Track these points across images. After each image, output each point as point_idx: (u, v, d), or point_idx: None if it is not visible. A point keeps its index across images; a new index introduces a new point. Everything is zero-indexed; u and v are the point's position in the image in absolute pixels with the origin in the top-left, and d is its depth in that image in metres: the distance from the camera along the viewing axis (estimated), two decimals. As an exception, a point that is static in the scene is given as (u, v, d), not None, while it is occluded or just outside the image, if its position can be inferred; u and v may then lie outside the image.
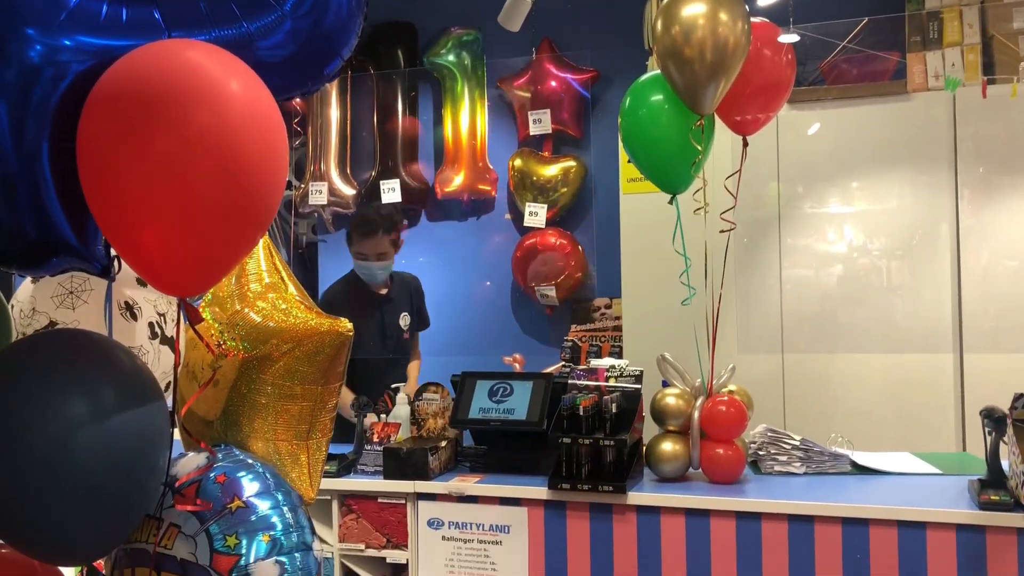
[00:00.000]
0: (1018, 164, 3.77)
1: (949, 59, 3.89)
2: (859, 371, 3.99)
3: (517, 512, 2.72)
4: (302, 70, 1.49)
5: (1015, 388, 2.46)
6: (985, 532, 2.31)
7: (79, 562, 1.39)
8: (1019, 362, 3.69)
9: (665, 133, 2.70)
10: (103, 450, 1.25)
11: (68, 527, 1.25)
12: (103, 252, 1.44)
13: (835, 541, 2.43)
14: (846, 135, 4.09)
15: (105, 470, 1.25)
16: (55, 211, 1.34)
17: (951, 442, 3.80)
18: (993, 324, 3.78)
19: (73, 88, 1.26)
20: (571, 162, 4.62)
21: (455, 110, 4.87)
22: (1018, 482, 2.30)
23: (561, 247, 4.55)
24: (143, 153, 1.10)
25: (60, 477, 1.22)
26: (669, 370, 2.81)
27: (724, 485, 2.68)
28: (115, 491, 1.27)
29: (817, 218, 4.16)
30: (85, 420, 1.24)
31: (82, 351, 1.33)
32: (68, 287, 1.64)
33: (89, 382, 1.28)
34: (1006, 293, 3.78)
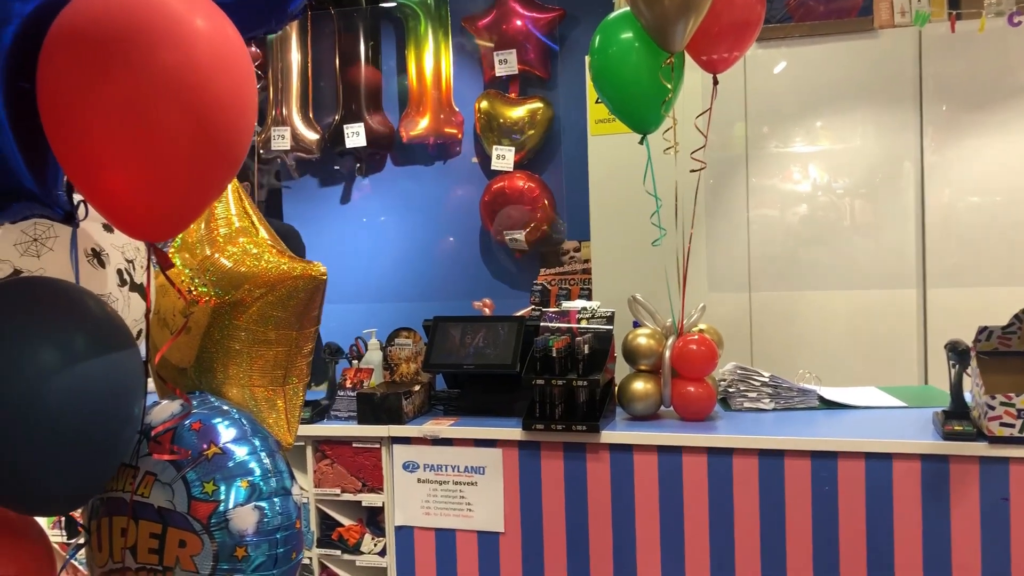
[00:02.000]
0: (982, 101, 3.80)
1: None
2: (825, 308, 4.05)
3: (492, 453, 2.74)
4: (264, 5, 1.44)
5: (977, 322, 2.51)
6: (948, 461, 2.37)
7: (56, 512, 1.38)
8: (981, 296, 3.77)
9: (635, 72, 2.67)
10: (76, 398, 1.23)
11: (44, 477, 1.24)
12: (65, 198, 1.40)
13: (804, 474, 2.48)
14: (812, 73, 4.09)
15: (79, 418, 1.23)
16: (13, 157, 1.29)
17: (914, 376, 3.88)
18: (956, 260, 3.85)
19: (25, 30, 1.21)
20: (538, 104, 4.57)
21: (419, 52, 4.78)
22: (980, 412, 2.36)
23: (529, 190, 4.52)
24: (107, 94, 1.06)
25: (34, 426, 1.20)
26: (640, 310, 2.82)
27: (695, 422, 2.72)
28: (90, 439, 1.26)
29: (783, 157, 4.17)
30: (57, 368, 1.22)
31: (51, 299, 1.30)
32: (32, 234, 1.59)
33: (60, 330, 1.25)
34: (969, 229, 3.84)
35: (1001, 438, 2.30)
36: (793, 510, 2.49)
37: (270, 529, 1.45)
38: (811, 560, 2.48)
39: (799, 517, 2.49)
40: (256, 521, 1.43)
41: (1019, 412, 2.28)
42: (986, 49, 3.77)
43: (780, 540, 2.51)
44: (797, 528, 2.49)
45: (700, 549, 2.57)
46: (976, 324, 2.50)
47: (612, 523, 2.65)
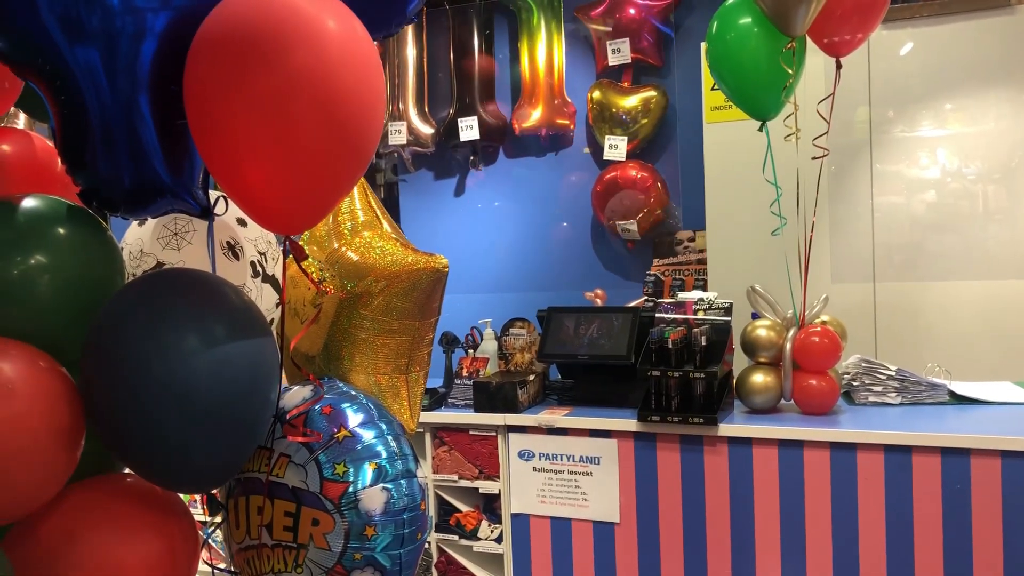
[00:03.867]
0: None
1: (1057, -33, 3.65)
2: (954, 299, 3.86)
3: (607, 444, 2.74)
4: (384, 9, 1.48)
5: None
6: (1094, 461, 2.24)
7: (200, 489, 1.46)
8: None
9: (754, 57, 2.61)
10: (220, 381, 1.30)
11: (191, 454, 1.31)
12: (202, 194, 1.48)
13: (934, 472, 2.39)
14: (941, 54, 3.90)
15: (223, 399, 1.30)
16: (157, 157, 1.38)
17: (1054, 371, 3.66)
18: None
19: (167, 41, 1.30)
20: (652, 92, 4.52)
21: (531, 44, 4.80)
22: None
23: (642, 180, 4.48)
24: (248, 93, 1.12)
25: (181, 407, 1.27)
26: (759, 301, 2.77)
27: (817, 416, 2.65)
28: (232, 420, 1.33)
29: (909, 142, 4.00)
30: (201, 352, 1.29)
31: (194, 288, 1.37)
32: (173, 229, 1.69)
33: (202, 317, 1.33)
34: (1116, 215, 3.59)
35: None
36: (922, 509, 2.40)
37: (397, 510, 1.50)
38: (942, 563, 2.38)
39: (928, 517, 2.40)
40: (384, 502, 1.48)
41: None
42: None
43: (908, 540, 2.42)
44: (926, 528, 2.40)
45: (822, 547, 2.50)
46: None
47: (730, 518, 2.61)
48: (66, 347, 1.36)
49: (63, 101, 1.33)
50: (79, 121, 1.32)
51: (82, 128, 1.32)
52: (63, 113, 1.33)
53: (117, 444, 1.35)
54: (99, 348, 1.31)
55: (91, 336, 1.33)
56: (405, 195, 5.26)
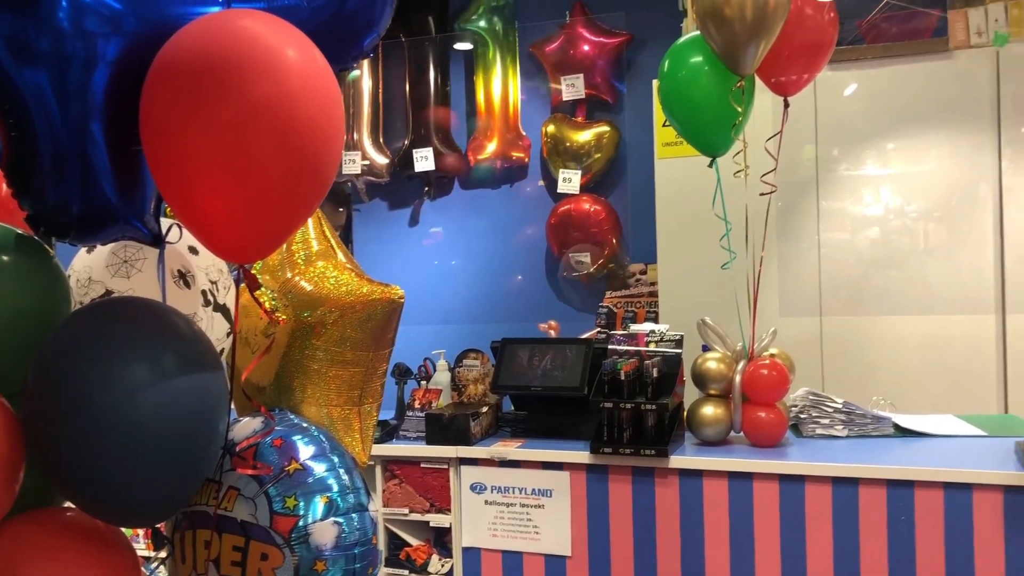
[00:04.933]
0: (1065, 121, 3.69)
1: (992, 14, 3.80)
2: (898, 333, 3.96)
3: (559, 476, 2.74)
4: (340, 43, 1.49)
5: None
6: (1033, 493, 2.29)
7: (145, 523, 1.42)
8: (1063, 323, 3.64)
9: (705, 95, 2.67)
10: (166, 414, 1.27)
11: (135, 489, 1.28)
12: (154, 222, 1.47)
13: (880, 503, 2.43)
14: (884, 95, 4.02)
15: (169, 433, 1.27)
16: (107, 182, 1.36)
17: (992, 404, 3.76)
18: (1037, 284, 3.73)
19: (122, 66, 1.29)
20: (605, 127, 4.59)
21: (487, 77, 4.85)
22: (1067, 443, 2.29)
23: (595, 213, 4.54)
24: (206, 121, 1.11)
25: (126, 439, 1.24)
26: (709, 334, 2.80)
27: (766, 448, 2.68)
28: (179, 453, 1.30)
29: (854, 180, 4.10)
30: (148, 384, 1.27)
31: (142, 318, 1.35)
32: (122, 256, 1.66)
33: (150, 347, 1.31)
34: (1051, 253, 3.72)
35: (1089, 470, 2.22)
36: (868, 539, 2.44)
37: (348, 544, 1.48)
38: (887, 592, 2.42)
39: (874, 547, 2.43)
40: (335, 536, 1.46)
41: (1108, 443, 2.20)
42: (1069, 68, 3.67)
43: (854, 572, 2.45)
44: (872, 558, 2.43)
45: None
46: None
47: (681, 549, 2.62)
48: (8, 377, 1.33)
49: (11, 124, 1.30)
50: (28, 145, 1.30)
51: (31, 153, 1.30)
52: (11, 137, 1.31)
53: (58, 478, 1.31)
54: (42, 379, 1.28)
55: (34, 366, 1.30)
56: (359, 225, 5.24)
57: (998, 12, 3.81)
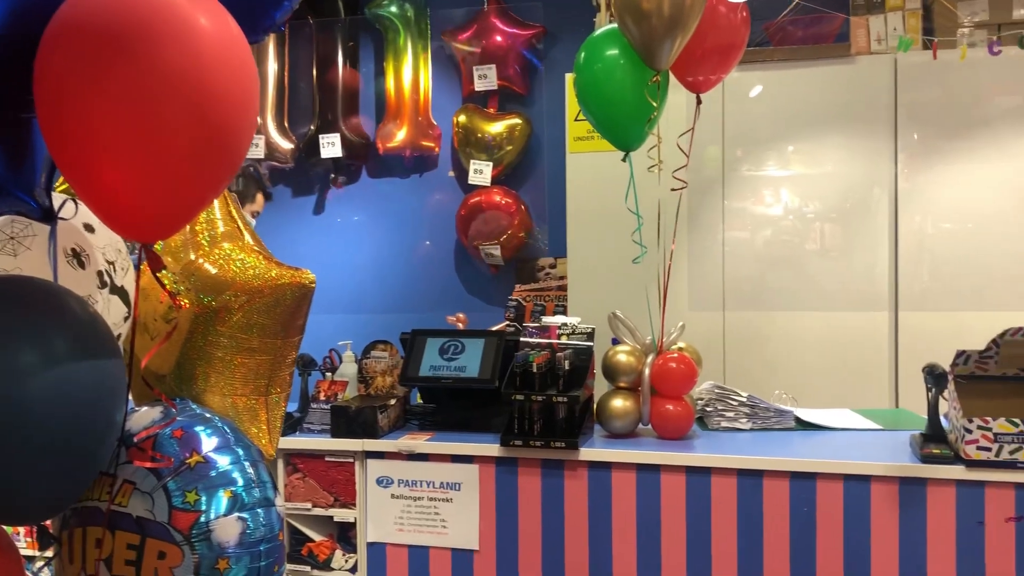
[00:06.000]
0: (956, 129, 3.86)
1: (891, 23, 3.94)
2: (797, 329, 4.07)
3: (468, 469, 2.71)
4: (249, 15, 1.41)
5: (947, 346, 2.54)
6: (926, 484, 2.38)
7: (30, 521, 1.32)
8: (951, 320, 3.82)
9: (620, 88, 2.67)
10: (58, 401, 1.18)
11: (21, 484, 1.18)
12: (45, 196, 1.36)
13: (783, 495, 2.48)
14: (787, 98, 4.13)
15: (60, 422, 1.18)
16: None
17: (885, 398, 3.91)
18: (927, 284, 3.89)
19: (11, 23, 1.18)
20: (517, 119, 4.57)
21: (397, 63, 4.76)
22: (958, 436, 2.38)
23: (506, 206, 4.51)
24: (110, 88, 1.02)
25: (12, 431, 1.15)
26: (620, 327, 2.81)
27: (673, 441, 2.71)
28: (71, 445, 1.21)
29: (756, 181, 4.20)
30: (38, 371, 1.17)
31: (31, 299, 1.25)
32: (8, 232, 1.54)
33: (40, 331, 1.21)
34: (940, 254, 3.89)
35: (978, 462, 2.32)
36: (771, 530, 2.49)
37: (253, 541, 1.40)
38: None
39: (777, 538, 2.48)
40: (239, 532, 1.39)
41: (996, 436, 2.30)
42: (960, 78, 3.84)
43: (758, 561, 2.50)
44: (775, 549, 2.48)
45: (677, 568, 2.55)
46: (946, 348, 2.52)
47: (589, 541, 2.62)
48: None
49: None
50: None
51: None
52: None
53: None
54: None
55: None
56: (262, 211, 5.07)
57: (896, 21, 3.95)
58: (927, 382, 2.48)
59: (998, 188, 3.85)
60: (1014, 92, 3.82)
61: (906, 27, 3.93)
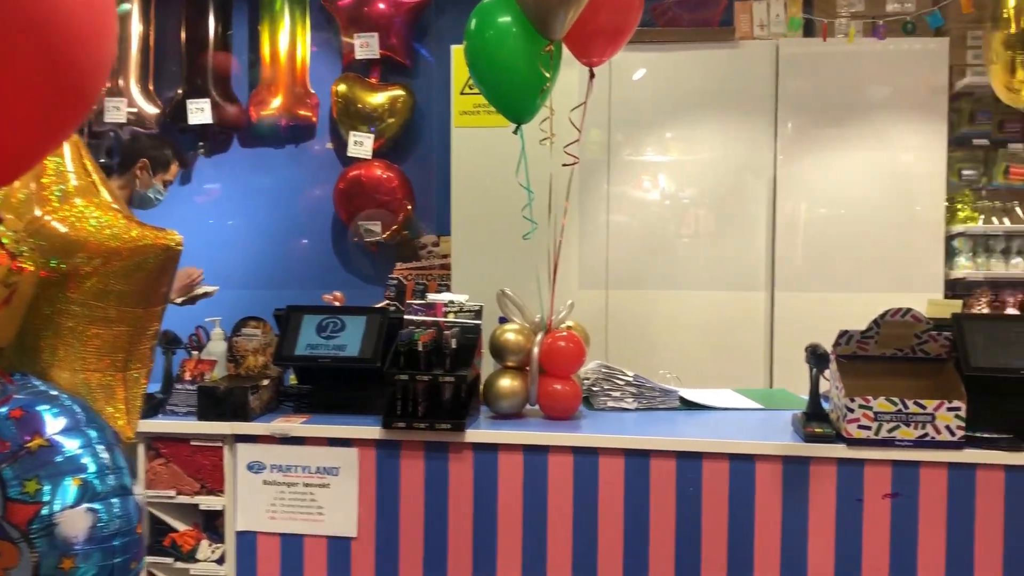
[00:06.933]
0: (833, 117, 3.96)
1: (774, 10, 4.00)
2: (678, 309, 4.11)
3: (347, 453, 2.57)
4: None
5: (820, 326, 2.58)
6: (809, 463, 2.40)
7: None
8: (824, 300, 3.93)
9: (512, 57, 2.57)
10: None
11: None
12: None
13: (669, 475, 2.46)
14: (669, 82, 4.14)
15: None
16: None
17: (760, 378, 3.99)
18: (802, 266, 4.00)
19: None
20: (400, 91, 4.42)
21: (273, 27, 4.52)
22: (839, 415, 2.41)
23: (387, 180, 4.36)
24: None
25: None
26: (508, 305, 2.73)
27: (560, 421, 2.65)
28: None
29: (636, 165, 4.21)
30: None
31: None
32: None
33: None
34: (816, 238, 4.00)
35: (859, 440, 2.35)
36: (657, 511, 2.46)
37: (106, 535, 1.23)
38: (673, 561, 2.45)
39: (663, 518, 2.46)
40: (89, 525, 1.22)
41: (876, 415, 2.34)
42: (838, 68, 3.94)
43: (644, 540, 2.47)
44: (661, 529, 2.46)
45: (563, 550, 2.49)
46: (819, 327, 2.56)
47: (473, 526, 2.53)
48: None
49: None
50: None
51: None
52: None
53: None
54: None
55: None
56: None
57: (779, 8, 4.01)
58: (809, 361, 2.50)
59: (871, 175, 3.98)
60: (888, 82, 3.95)
61: (787, 14, 4.00)
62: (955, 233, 4.10)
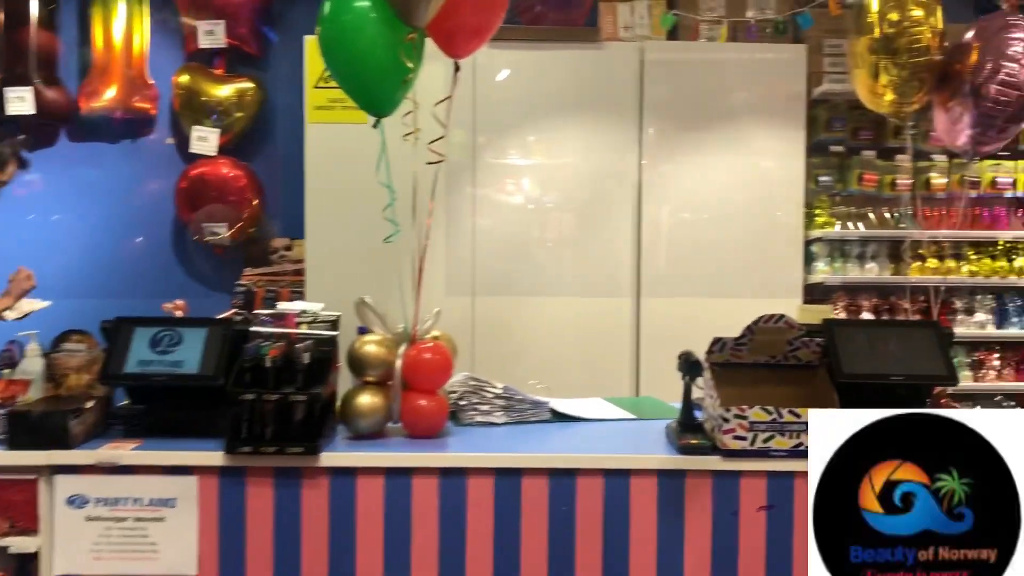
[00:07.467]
0: (697, 122, 3.96)
1: (638, 12, 3.97)
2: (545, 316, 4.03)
3: (186, 483, 2.30)
4: None
5: (684, 331, 2.51)
6: (684, 476, 2.32)
7: None
8: (689, 306, 3.92)
9: (371, 45, 2.39)
10: None
11: None
12: None
13: (542, 493, 2.32)
14: (533, 83, 4.06)
15: None
16: None
17: (627, 385, 3.95)
18: (667, 271, 3.98)
19: None
20: (248, 83, 4.14)
21: (107, 12, 4.14)
22: (714, 425, 2.34)
23: (235, 179, 4.07)
24: None
25: None
26: (369, 315, 2.53)
27: (425, 440, 2.47)
28: None
29: (500, 168, 4.10)
30: None
31: None
32: None
33: None
34: (680, 243, 3.99)
35: (735, 451, 2.29)
36: (529, 532, 2.32)
37: None
38: (546, 586, 2.32)
39: (535, 539, 2.32)
40: None
41: (751, 425, 2.28)
42: (701, 72, 3.94)
43: (515, 565, 2.32)
44: (533, 551, 2.32)
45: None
46: (684, 334, 2.50)
47: (329, 559, 2.31)
48: None
49: None
50: None
51: None
52: None
53: None
54: None
55: None
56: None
57: (643, 10, 3.98)
58: (682, 369, 2.42)
59: (734, 181, 4.00)
60: (749, 89, 3.99)
61: (651, 16, 3.97)
62: (813, 238, 4.18)
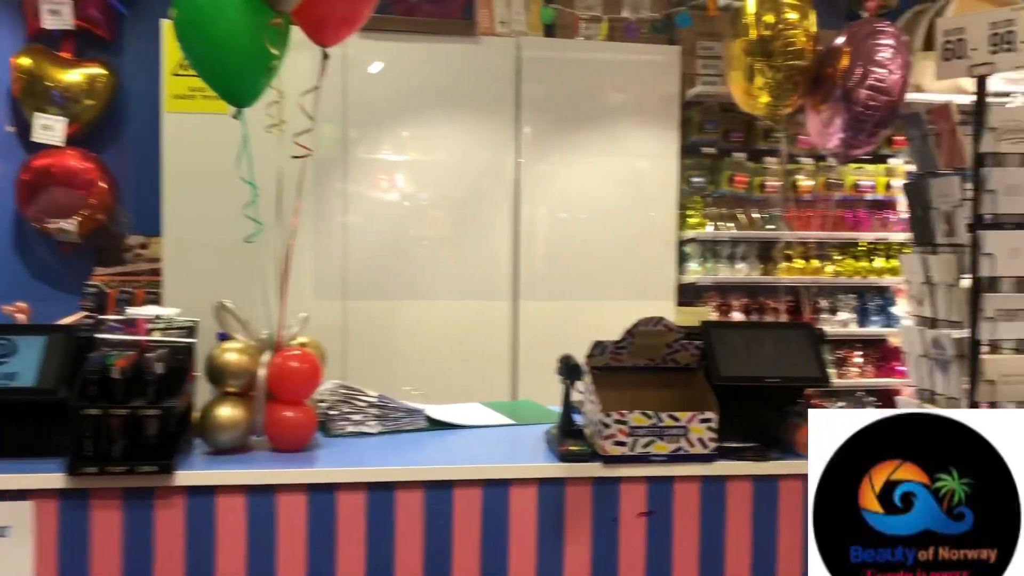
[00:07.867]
0: (574, 122, 3.93)
1: (515, 8, 3.91)
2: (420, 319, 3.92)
3: (19, 508, 2.08)
4: None
5: (564, 335, 2.47)
6: (564, 484, 2.26)
7: None
8: (566, 309, 3.89)
9: (231, 29, 2.22)
10: None
11: None
12: None
13: (417, 508, 2.21)
14: (406, 77, 3.94)
15: None
16: None
17: (505, 389, 3.88)
18: (545, 273, 3.93)
19: None
20: (99, 69, 3.85)
21: (-67, -16, 3.75)
22: (595, 431, 2.29)
23: (84, 172, 3.79)
24: None
25: None
26: (230, 320, 2.35)
27: (292, 454, 2.32)
28: None
29: (373, 164, 3.97)
30: None
31: None
32: None
33: None
34: (558, 245, 3.95)
35: (615, 457, 2.24)
36: (404, 548, 2.21)
37: None
38: (423, 605, 2.21)
39: (410, 555, 2.21)
40: None
41: (632, 430, 2.24)
42: (578, 71, 3.92)
43: (389, 585, 2.20)
44: (408, 569, 2.21)
45: (296, 606, 2.16)
46: (562, 337, 2.45)
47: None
48: None
49: None
50: None
51: None
52: None
53: None
54: None
55: None
56: None
57: (519, 6, 3.92)
58: (561, 373, 2.37)
59: (610, 181, 4.00)
60: (624, 89, 3.98)
61: (528, 12, 3.92)
62: (686, 239, 4.22)
